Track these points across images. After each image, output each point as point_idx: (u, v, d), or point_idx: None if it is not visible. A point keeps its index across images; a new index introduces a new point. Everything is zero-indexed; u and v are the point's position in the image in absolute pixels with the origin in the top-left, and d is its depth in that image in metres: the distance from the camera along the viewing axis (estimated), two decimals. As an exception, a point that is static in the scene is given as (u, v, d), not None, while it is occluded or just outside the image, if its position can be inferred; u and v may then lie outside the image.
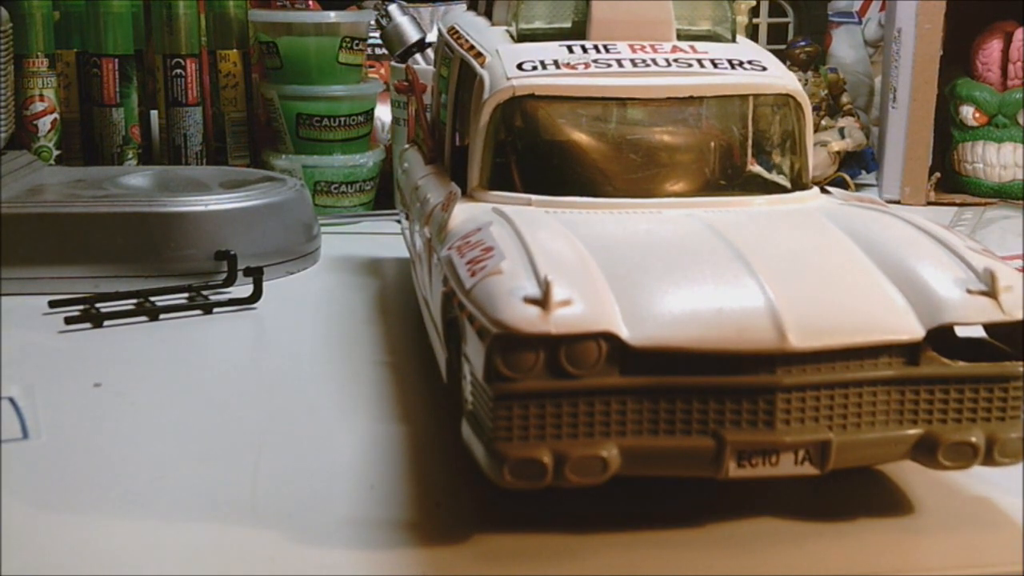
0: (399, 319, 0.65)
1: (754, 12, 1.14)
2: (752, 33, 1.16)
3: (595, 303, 0.37)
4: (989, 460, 0.39)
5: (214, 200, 0.72)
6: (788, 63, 1.10)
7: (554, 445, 0.37)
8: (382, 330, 0.63)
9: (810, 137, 0.51)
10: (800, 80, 1.05)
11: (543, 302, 0.36)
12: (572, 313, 0.36)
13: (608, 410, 0.37)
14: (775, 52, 0.55)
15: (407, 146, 0.68)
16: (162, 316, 0.65)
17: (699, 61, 0.50)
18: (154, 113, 0.98)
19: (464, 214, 0.46)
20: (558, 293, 0.36)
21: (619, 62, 0.49)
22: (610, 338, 0.37)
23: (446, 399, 0.48)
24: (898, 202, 0.98)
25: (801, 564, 0.38)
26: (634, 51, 0.50)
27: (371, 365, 0.58)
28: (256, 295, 0.67)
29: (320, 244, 0.78)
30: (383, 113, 0.97)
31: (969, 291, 0.39)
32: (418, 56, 0.89)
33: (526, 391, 0.36)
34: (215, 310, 0.66)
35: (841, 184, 1.00)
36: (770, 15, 1.30)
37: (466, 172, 0.49)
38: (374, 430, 0.49)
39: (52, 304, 0.65)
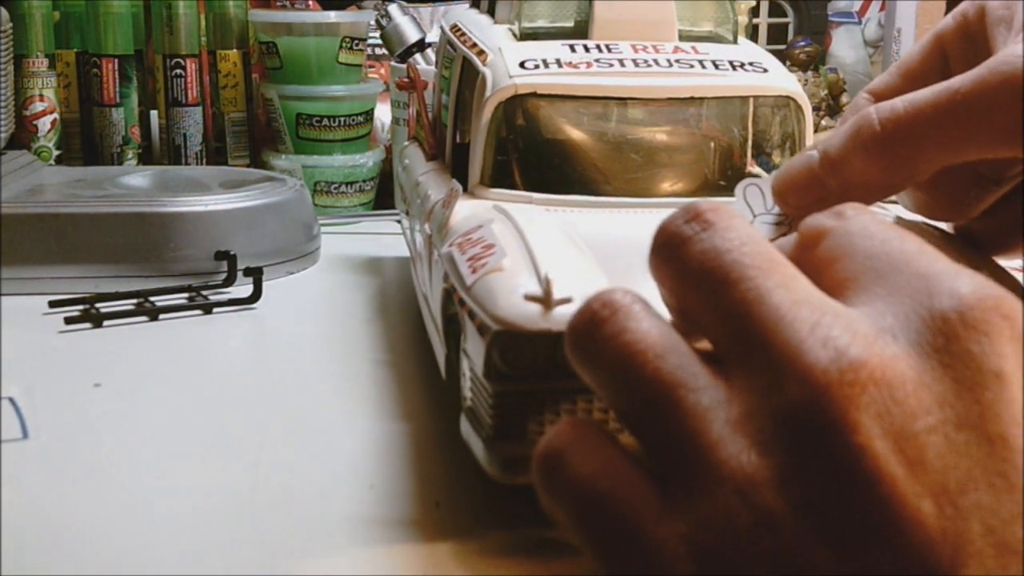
0: (399, 318, 0.65)
1: (754, 12, 1.14)
2: (752, 33, 1.16)
3: (596, 301, 0.37)
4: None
5: (214, 200, 0.72)
6: (788, 63, 1.10)
7: (554, 443, 0.37)
8: (382, 329, 0.63)
9: (810, 139, 0.51)
10: (800, 80, 1.05)
11: (544, 299, 0.36)
12: (572, 311, 0.36)
13: (607, 408, 0.37)
14: (775, 52, 0.55)
15: (407, 143, 0.68)
16: (162, 316, 0.64)
17: (700, 62, 0.50)
18: (154, 113, 0.98)
19: (465, 211, 0.46)
20: (559, 291, 0.36)
21: (621, 62, 0.49)
22: (611, 336, 0.36)
23: (445, 396, 0.48)
24: (895, 203, 0.97)
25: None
26: (636, 51, 0.50)
27: (370, 363, 0.58)
28: (256, 295, 0.67)
29: (320, 244, 0.78)
30: (383, 113, 0.97)
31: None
32: (418, 56, 0.89)
33: (525, 388, 0.36)
34: (215, 310, 0.65)
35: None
36: (770, 15, 1.30)
37: (467, 169, 0.49)
38: (374, 428, 0.49)
39: (52, 304, 0.65)
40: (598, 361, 0.26)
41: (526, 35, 0.52)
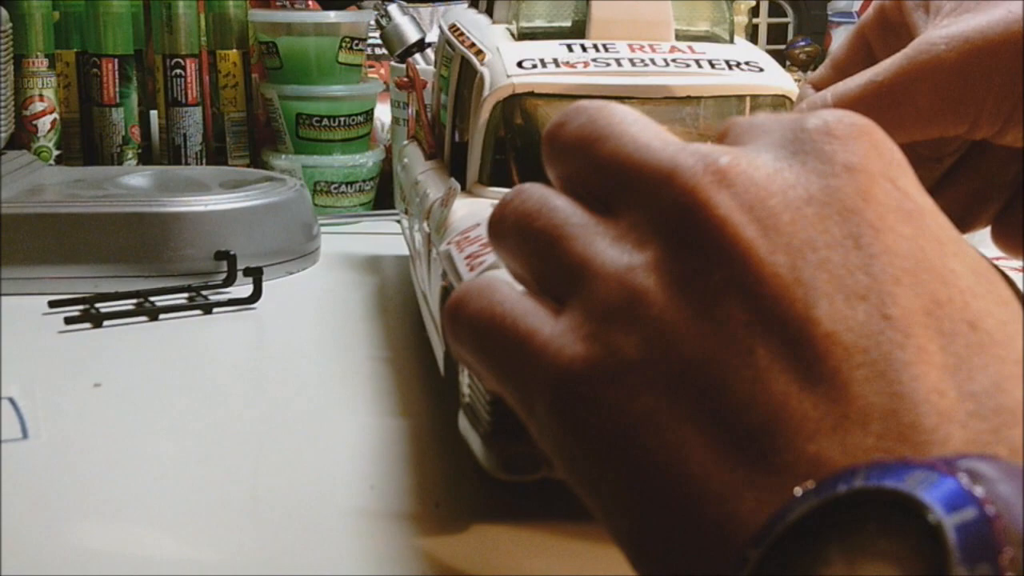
0: (398, 316, 0.65)
1: (754, 12, 1.14)
2: (752, 33, 1.16)
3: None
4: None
5: (214, 200, 0.72)
6: (788, 63, 1.11)
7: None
8: (381, 327, 0.63)
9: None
10: (800, 80, 1.05)
11: (541, 298, 0.36)
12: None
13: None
14: (775, 52, 0.55)
15: (406, 142, 0.68)
16: (162, 316, 0.65)
17: (697, 61, 0.50)
18: (154, 113, 0.98)
19: (463, 209, 0.46)
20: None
21: (618, 61, 0.50)
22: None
23: (444, 393, 0.48)
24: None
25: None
26: (633, 51, 0.50)
27: (370, 361, 0.58)
28: (256, 295, 0.67)
29: (320, 244, 0.78)
30: (383, 113, 0.97)
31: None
32: (418, 56, 0.89)
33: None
34: (215, 310, 0.66)
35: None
36: (770, 15, 1.30)
37: (465, 168, 0.49)
38: (373, 424, 0.49)
39: (52, 304, 0.65)
40: (504, 232, 0.29)
41: (524, 35, 0.53)
